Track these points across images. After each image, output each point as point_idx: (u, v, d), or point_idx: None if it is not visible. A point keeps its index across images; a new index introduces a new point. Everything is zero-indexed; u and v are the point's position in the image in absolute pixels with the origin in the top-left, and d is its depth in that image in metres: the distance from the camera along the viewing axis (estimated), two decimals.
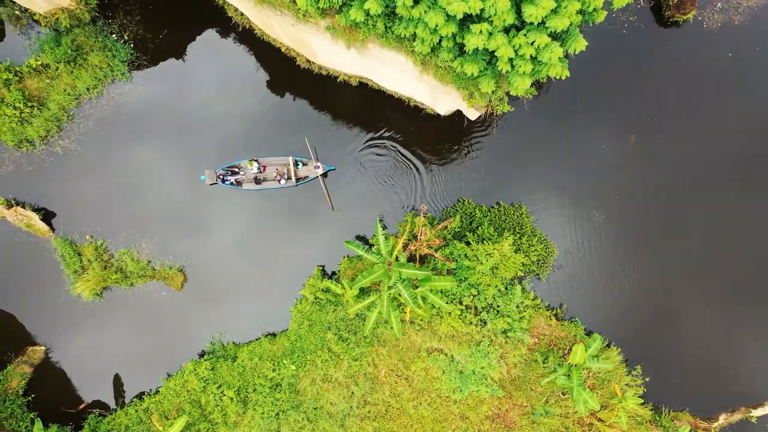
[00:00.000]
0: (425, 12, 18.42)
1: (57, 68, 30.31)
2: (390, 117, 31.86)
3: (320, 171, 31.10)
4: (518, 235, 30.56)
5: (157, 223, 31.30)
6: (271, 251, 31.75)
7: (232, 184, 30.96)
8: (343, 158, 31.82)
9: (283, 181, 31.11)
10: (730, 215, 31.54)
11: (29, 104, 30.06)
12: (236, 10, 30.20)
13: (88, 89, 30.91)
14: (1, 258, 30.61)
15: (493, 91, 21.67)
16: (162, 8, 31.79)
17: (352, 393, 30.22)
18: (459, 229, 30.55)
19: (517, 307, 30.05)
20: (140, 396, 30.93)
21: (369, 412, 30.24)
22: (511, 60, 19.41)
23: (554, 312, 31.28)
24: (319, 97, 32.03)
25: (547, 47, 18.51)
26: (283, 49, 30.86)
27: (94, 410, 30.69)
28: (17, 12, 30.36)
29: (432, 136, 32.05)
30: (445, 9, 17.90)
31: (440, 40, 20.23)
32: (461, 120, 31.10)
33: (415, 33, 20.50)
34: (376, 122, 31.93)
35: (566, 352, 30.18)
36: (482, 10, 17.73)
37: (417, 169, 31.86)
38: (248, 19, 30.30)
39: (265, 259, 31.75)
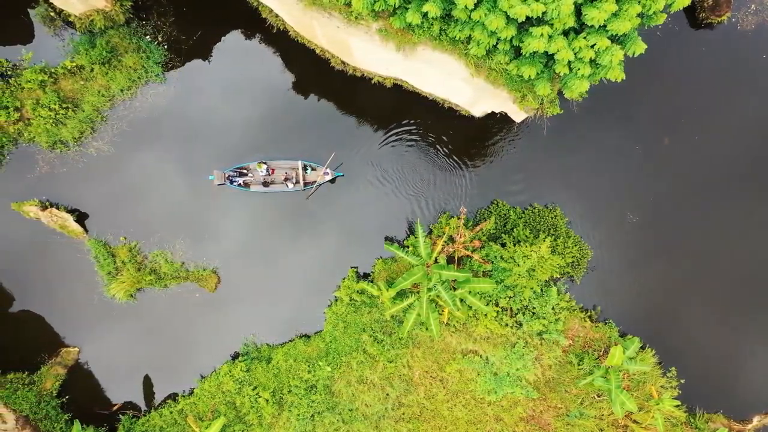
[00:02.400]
0: (485, 15, 18.39)
1: (92, 70, 30.17)
2: (423, 118, 31.70)
3: (329, 177, 31.02)
4: (553, 236, 30.51)
5: (187, 225, 31.22)
6: (299, 254, 31.56)
7: (240, 185, 30.81)
8: (366, 157, 31.69)
9: (290, 185, 30.92)
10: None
11: (64, 106, 29.96)
12: (271, 11, 30.06)
13: (122, 91, 30.79)
14: (35, 259, 30.51)
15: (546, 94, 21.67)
16: (196, 9, 31.69)
17: (387, 394, 30.21)
18: (494, 231, 30.52)
19: (553, 309, 30.00)
20: (174, 397, 30.89)
21: (404, 414, 30.24)
22: (569, 63, 19.41)
23: (588, 314, 31.24)
24: (352, 99, 31.90)
25: (607, 50, 18.52)
26: (317, 51, 30.74)
27: (128, 411, 30.65)
28: (52, 13, 30.28)
29: (465, 138, 31.95)
30: (506, 12, 17.92)
31: (496, 43, 20.21)
32: (495, 121, 31.08)
33: (470, 35, 20.49)
34: (409, 123, 31.80)
35: (601, 353, 30.16)
36: (544, 13, 17.76)
37: (450, 170, 31.78)
38: (283, 20, 30.20)
39: (294, 261, 31.57)
